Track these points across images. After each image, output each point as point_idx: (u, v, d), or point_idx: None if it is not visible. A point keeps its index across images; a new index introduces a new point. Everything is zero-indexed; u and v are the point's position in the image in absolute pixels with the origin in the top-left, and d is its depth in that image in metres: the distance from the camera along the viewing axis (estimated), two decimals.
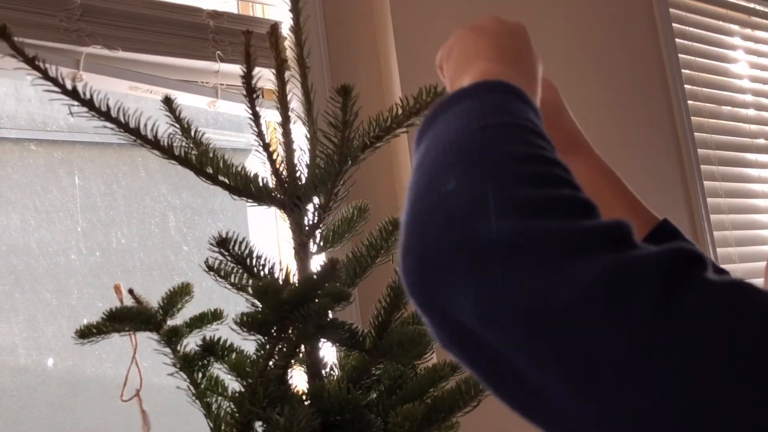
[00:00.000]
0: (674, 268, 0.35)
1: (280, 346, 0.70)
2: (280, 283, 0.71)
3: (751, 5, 2.64)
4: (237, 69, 1.62)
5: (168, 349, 0.83)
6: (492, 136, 0.44)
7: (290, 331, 0.69)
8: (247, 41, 0.79)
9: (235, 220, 1.81)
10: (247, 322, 0.68)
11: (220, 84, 1.63)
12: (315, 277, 0.67)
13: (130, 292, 0.88)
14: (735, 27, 2.58)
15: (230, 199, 0.85)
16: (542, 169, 0.42)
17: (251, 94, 0.78)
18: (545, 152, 0.44)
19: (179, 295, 0.91)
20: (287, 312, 0.66)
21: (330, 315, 0.72)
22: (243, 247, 0.75)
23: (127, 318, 0.80)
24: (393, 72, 1.61)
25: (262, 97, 1.69)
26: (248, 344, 0.88)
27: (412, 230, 0.41)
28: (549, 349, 0.35)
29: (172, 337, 0.82)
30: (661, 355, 0.33)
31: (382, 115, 0.83)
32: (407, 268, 0.41)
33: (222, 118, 1.82)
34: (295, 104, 0.92)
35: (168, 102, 0.79)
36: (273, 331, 0.68)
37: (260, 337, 0.70)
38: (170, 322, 0.86)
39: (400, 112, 0.81)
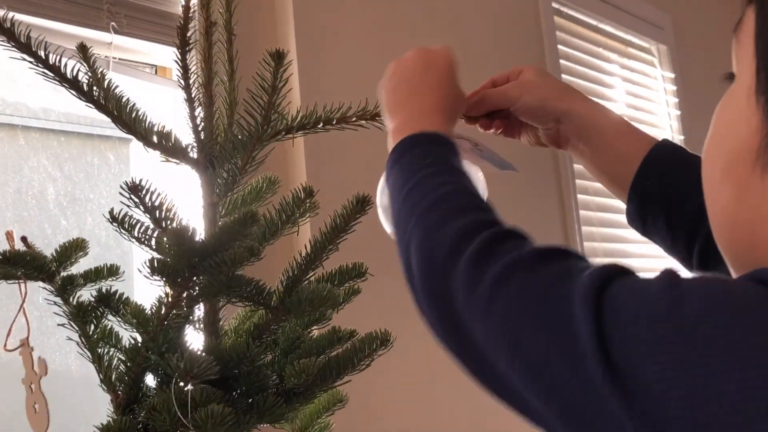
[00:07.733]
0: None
1: (184, 296, 0.71)
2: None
3: (628, 37, 2.86)
4: (131, 42, 1.59)
5: (60, 300, 0.81)
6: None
7: (198, 280, 0.70)
8: None
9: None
10: (157, 268, 0.68)
11: (113, 57, 1.58)
12: (233, 226, 0.68)
13: (23, 240, 0.85)
14: (614, 55, 2.78)
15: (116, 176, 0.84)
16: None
17: (184, 47, 0.78)
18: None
19: (73, 249, 0.88)
20: (200, 260, 0.67)
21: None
22: (155, 197, 0.74)
23: (21, 262, 0.77)
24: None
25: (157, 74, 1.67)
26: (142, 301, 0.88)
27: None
28: None
29: (66, 286, 0.80)
30: None
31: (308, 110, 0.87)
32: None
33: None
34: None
35: (83, 49, 0.78)
36: (180, 279, 0.69)
37: (167, 284, 0.70)
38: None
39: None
